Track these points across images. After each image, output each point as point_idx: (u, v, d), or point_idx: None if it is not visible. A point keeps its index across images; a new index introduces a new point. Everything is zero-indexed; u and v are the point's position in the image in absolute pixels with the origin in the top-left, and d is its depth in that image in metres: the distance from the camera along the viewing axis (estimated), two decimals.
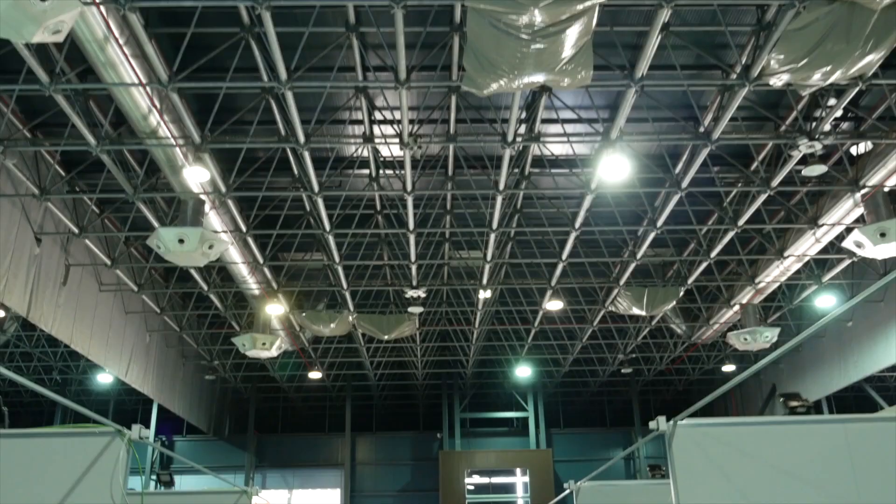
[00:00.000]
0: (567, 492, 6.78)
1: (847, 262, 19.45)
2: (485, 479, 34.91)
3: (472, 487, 33.28)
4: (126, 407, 34.09)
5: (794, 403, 26.95)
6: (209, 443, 33.53)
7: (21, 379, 4.40)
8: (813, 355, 26.77)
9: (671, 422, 4.35)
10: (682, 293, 20.75)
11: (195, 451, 33.77)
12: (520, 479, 34.69)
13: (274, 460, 34.85)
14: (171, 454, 6.60)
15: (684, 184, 14.74)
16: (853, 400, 31.42)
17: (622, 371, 30.00)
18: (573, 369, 31.31)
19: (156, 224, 15.38)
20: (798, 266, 19.27)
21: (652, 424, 4.46)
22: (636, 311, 21.15)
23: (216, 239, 14.19)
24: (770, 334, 21.74)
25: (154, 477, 30.21)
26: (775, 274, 19.68)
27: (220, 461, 32.66)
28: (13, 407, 30.92)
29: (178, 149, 12.75)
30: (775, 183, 14.80)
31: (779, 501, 4.13)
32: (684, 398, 34.88)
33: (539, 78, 9.97)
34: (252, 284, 19.46)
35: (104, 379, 30.05)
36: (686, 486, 4.20)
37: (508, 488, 35.39)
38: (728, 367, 29.68)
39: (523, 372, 30.72)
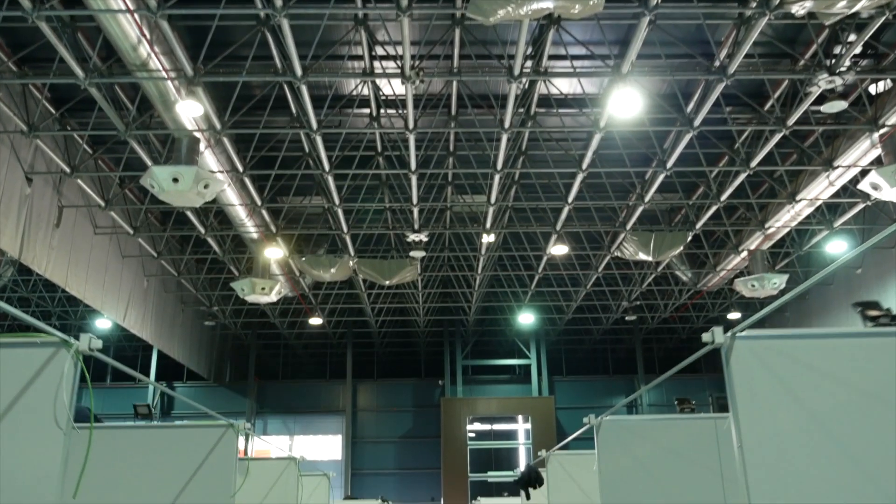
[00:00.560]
0: (586, 427, 6.23)
1: (860, 206, 18.97)
2: (486, 427, 34.84)
3: (473, 434, 33.23)
4: (126, 353, 33.90)
5: (873, 313, 26.51)
6: (209, 389, 33.38)
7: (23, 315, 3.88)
8: (820, 303, 26.43)
9: (729, 333, 3.78)
10: (689, 238, 20.32)
11: (195, 398, 33.64)
12: (521, 427, 34.61)
13: (275, 406, 34.76)
14: (173, 394, 6.16)
15: (696, 122, 14.21)
16: None
17: (626, 319, 29.69)
18: (576, 317, 31.00)
19: (150, 164, 14.89)
20: (809, 211, 18.81)
21: (706, 336, 3.89)
22: (642, 256, 20.74)
23: (211, 178, 13.72)
24: (778, 281, 21.36)
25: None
26: (786, 219, 19.23)
27: (221, 407, 32.47)
28: None
29: (170, 83, 12.22)
30: (791, 122, 14.27)
31: (852, 422, 3.66)
32: (687, 347, 34.62)
33: (548, 4, 9.41)
34: (250, 228, 19.03)
35: (103, 325, 29.77)
36: (747, 407, 3.68)
37: (510, 435, 35.35)
38: (733, 315, 29.34)
39: (526, 319, 30.41)
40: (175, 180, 13.33)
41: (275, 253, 20.19)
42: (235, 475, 5.62)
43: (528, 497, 8.81)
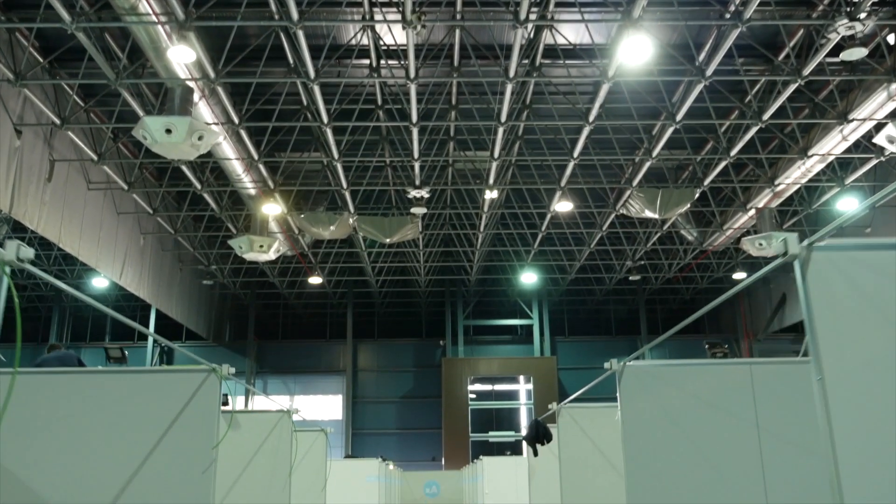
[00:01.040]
0: (607, 374, 5.75)
1: (873, 162, 18.48)
2: (487, 387, 34.70)
3: (474, 395, 33.09)
4: (124, 314, 33.41)
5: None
6: (209, 349, 33.13)
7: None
8: None
9: (805, 243, 3.24)
10: (696, 195, 19.86)
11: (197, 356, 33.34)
12: (523, 387, 34.47)
13: (275, 366, 34.57)
14: (170, 344, 5.73)
15: (708, 72, 13.70)
16: None
17: (630, 278, 29.32)
18: (579, 276, 30.67)
19: (142, 115, 14.41)
20: (821, 167, 18.33)
21: (776, 247, 3.33)
22: (649, 213, 20.32)
23: (206, 129, 13.24)
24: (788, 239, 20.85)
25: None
26: (796, 175, 18.77)
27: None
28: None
29: (160, 28, 11.70)
30: (806, 72, 13.75)
31: None
32: (691, 308, 34.30)
33: None
34: (247, 183, 18.58)
35: (100, 283, 29.44)
36: (828, 332, 3.10)
37: (511, 396, 35.24)
38: (739, 275, 28.96)
39: (528, 279, 30.04)
40: (168, 131, 12.85)
41: (272, 209, 19.76)
42: (218, 425, 5.23)
43: (535, 453, 8.47)
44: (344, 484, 18.48)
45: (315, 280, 29.15)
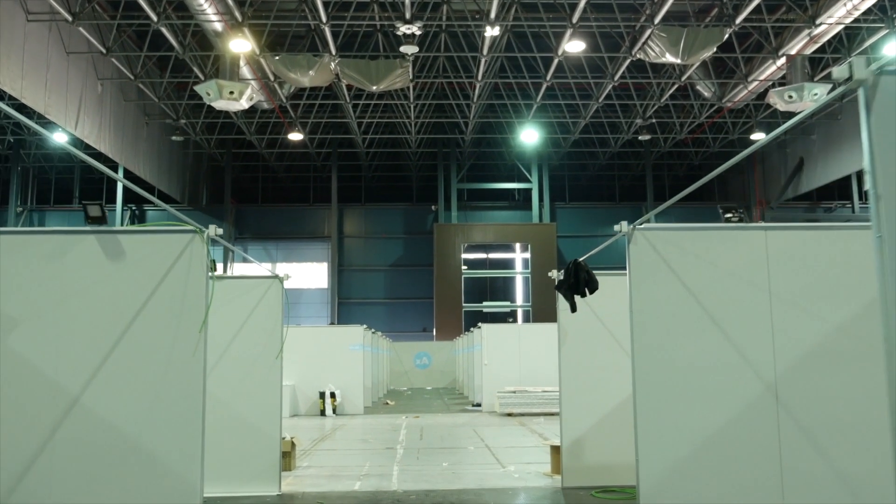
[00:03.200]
0: (616, 237, 5.44)
1: None
2: (482, 255, 33.05)
3: (466, 266, 31.43)
4: (93, 174, 31.38)
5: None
6: (183, 213, 31.00)
7: None
8: (854, 123, 23.43)
9: (873, 67, 2.76)
10: (725, 36, 17.50)
11: (170, 222, 31.36)
12: (519, 256, 32.81)
13: (255, 232, 32.66)
14: (150, 197, 5.52)
15: None
16: None
17: (639, 138, 27.09)
18: (583, 137, 28.50)
19: None
20: (868, 4, 15.96)
21: (838, 72, 2.80)
22: (669, 58, 18.05)
23: None
24: (819, 91, 18.74)
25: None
26: (840, 14, 16.49)
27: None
28: None
29: None
30: None
31: None
32: (699, 175, 32.24)
33: None
34: (211, 16, 16.11)
35: (61, 139, 27.06)
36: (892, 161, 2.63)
37: (507, 264, 33.65)
38: (757, 136, 26.75)
39: (529, 137, 27.71)
40: None
41: (241, 46, 17.34)
42: (208, 289, 5.07)
43: (573, 308, 6.48)
44: (325, 352, 16.86)
45: (296, 136, 26.82)
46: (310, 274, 32.65)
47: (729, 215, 24.95)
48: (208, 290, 5.08)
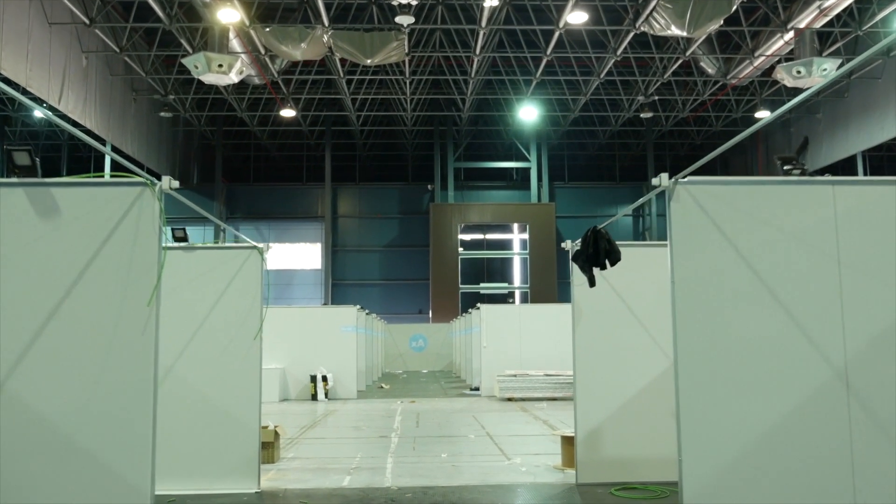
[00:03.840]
0: (657, 191, 4.71)
1: None
2: (479, 236, 32.47)
3: (462, 249, 30.81)
4: (80, 154, 30.69)
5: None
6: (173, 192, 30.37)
7: None
8: (861, 102, 23.29)
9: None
10: (733, 8, 16.86)
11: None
12: (517, 236, 32.23)
13: (247, 212, 31.97)
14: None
15: None
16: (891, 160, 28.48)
17: (641, 116, 26.42)
18: (583, 115, 27.84)
19: None
20: None
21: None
22: (675, 30, 17.44)
23: None
24: (829, 67, 18.15)
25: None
26: None
27: (186, 212, 29.60)
28: None
29: None
30: None
31: None
32: (700, 155, 31.63)
33: None
34: None
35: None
36: None
37: (504, 245, 33.08)
38: (761, 114, 26.11)
39: (528, 114, 27.02)
40: None
41: (230, 16, 16.66)
42: (160, 248, 4.36)
43: (592, 282, 5.83)
44: (316, 334, 16.24)
45: (288, 113, 26.10)
46: (303, 255, 32.04)
47: (789, 167, 24.29)
48: (160, 254, 4.34)
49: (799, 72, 18.36)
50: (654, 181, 4.67)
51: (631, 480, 6.73)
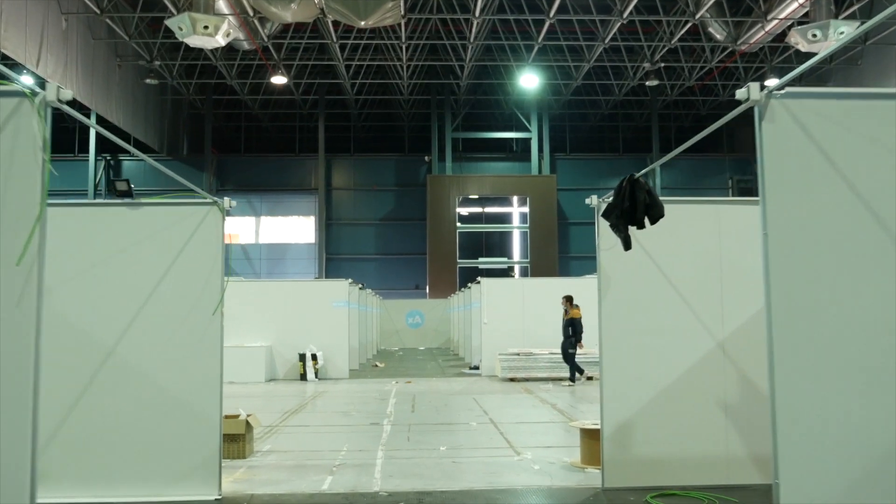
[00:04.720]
0: (744, 107, 3.70)
1: None
2: (477, 209, 31.61)
3: (460, 224, 29.93)
4: (66, 123, 29.62)
5: None
6: (163, 163, 29.40)
7: None
8: (875, 70, 22.42)
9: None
10: None
11: (145, 173, 29.79)
12: (517, 209, 31.37)
13: (238, 183, 30.96)
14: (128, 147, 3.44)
15: None
16: None
17: (646, 84, 25.43)
18: (585, 84, 26.90)
19: None
20: None
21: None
22: None
23: None
24: (846, 30, 17.34)
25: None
26: None
27: (174, 184, 28.70)
28: None
29: None
30: None
31: None
32: (705, 126, 30.71)
33: None
34: None
35: (27, 81, 25.29)
36: None
37: (504, 218, 32.23)
38: (770, 81, 25.17)
39: (528, 82, 26.03)
40: None
41: None
42: (43, 186, 3.39)
43: (627, 243, 4.92)
44: (306, 310, 15.34)
45: (279, 80, 25.12)
46: (296, 228, 31.17)
47: None
48: (42, 194, 3.33)
49: (815, 35, 17.58)
50: (740, 93, 3.72)
51: (668, 485, 5.70)
